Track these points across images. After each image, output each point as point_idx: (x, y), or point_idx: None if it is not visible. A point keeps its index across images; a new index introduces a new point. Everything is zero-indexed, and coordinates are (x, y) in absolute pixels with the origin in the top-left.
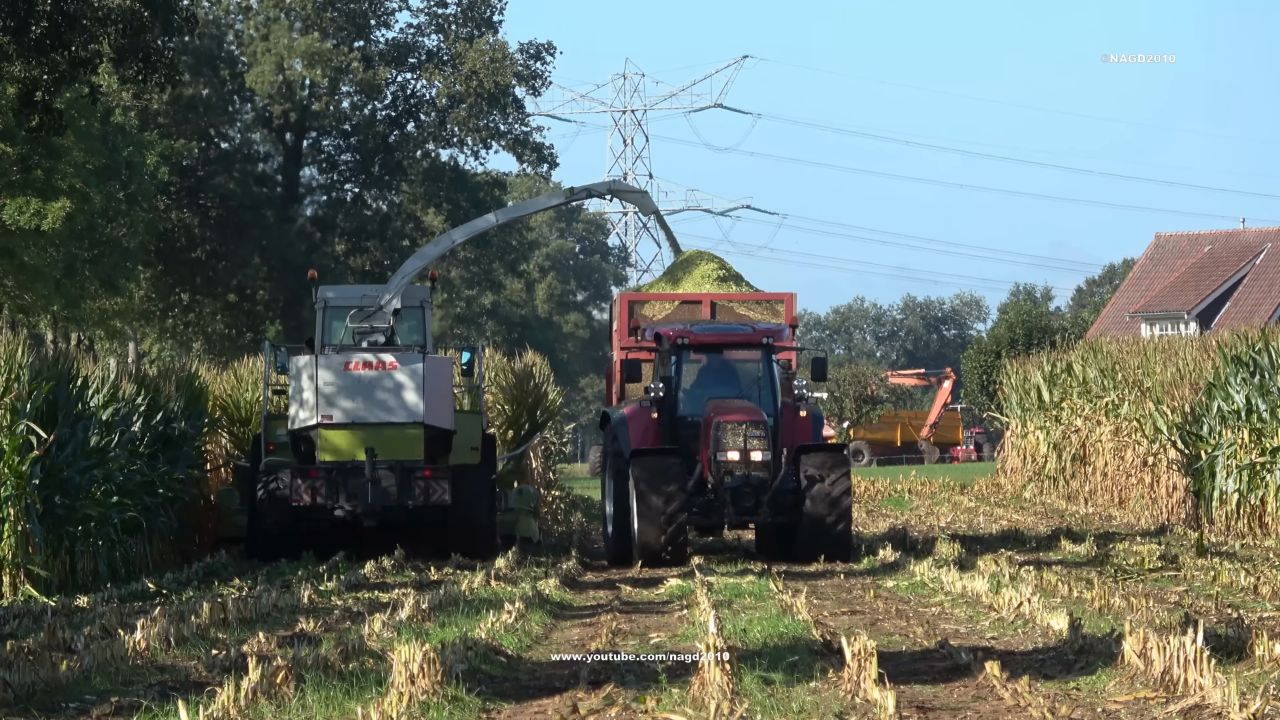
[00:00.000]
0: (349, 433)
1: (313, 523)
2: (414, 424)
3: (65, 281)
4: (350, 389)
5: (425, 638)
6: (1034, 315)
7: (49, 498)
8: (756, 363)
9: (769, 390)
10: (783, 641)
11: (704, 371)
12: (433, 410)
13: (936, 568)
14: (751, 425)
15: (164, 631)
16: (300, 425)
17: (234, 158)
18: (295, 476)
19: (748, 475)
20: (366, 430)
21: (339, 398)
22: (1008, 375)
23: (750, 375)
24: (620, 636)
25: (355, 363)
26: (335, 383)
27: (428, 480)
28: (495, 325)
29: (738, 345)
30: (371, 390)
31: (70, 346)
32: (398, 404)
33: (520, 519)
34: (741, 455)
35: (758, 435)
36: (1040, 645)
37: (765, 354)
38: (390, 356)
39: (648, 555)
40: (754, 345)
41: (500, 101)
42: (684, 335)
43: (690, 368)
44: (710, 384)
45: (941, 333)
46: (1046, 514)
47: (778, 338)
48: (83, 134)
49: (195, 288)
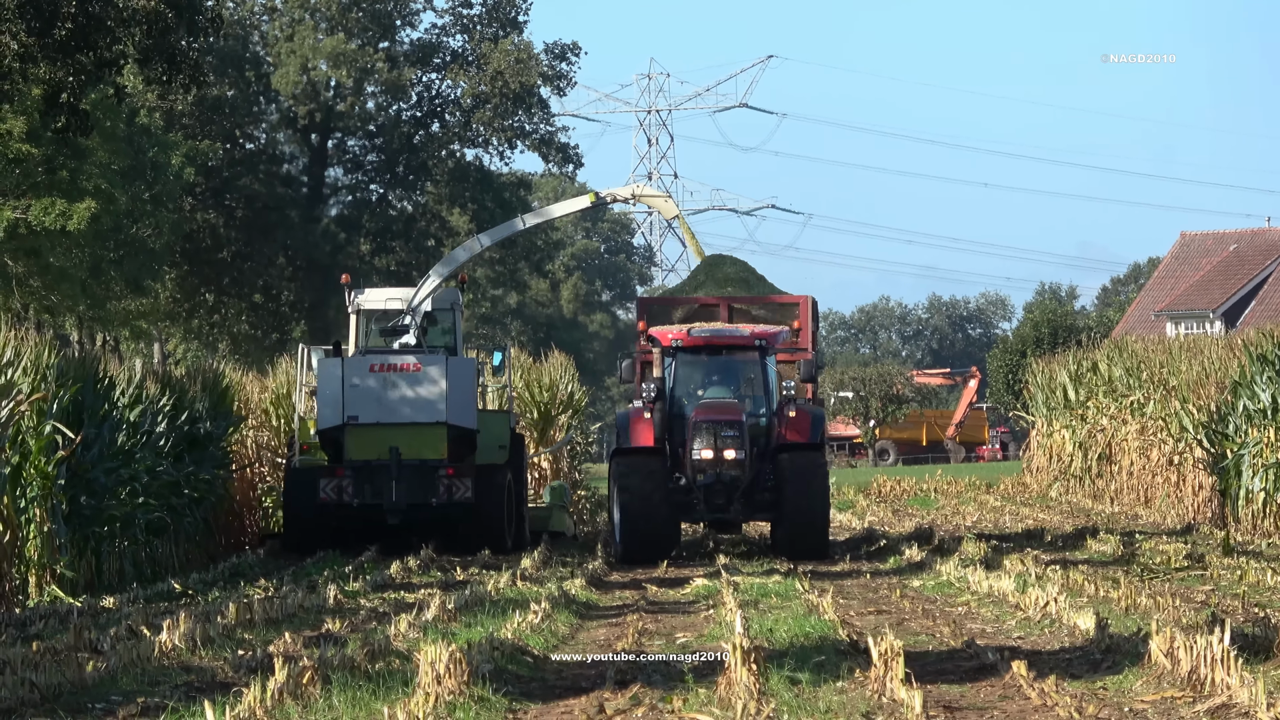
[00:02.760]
0: (374, 432)
1: (342, 519)
2: (437, 424)
3: (91, 282)
4: (376, 390)
5: (451, 638)
6: (1059, 314)
7: (75, 498)
8: (753, 364)
9: (763, 391)
10: (809, 641)
11: (702, 373)
12: (456, 410)
13: (963, 567)
14: (725, 425)
15: (190, 632)
16: (328, 425)
17: (259, 158)
18: (322, 475)
19: (719, 474)
20: (391, 430)
21: (365, 398)
22: (1033, 374)
23: (746, 377)
24: (646, 636)
25: (381, 364)
26: (361, 384)
27: (451, 479)
28: (520, 325)
29: (731, 348)
30: (396, 391)
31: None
32: (421, 404)
33: (554, 514)
34: (715, 454)
35: (731, 435)
36: (1067, 645)
37: (760, 356)
38: (414, 358)
39: (628, 551)
40: (747, 348)
41: (525, 101)
42: (679, 338)
43: (687, 370)
44: (706, 385)
45: (967, 332)
46: (1072, 513)
47: (774, 341)
48: (108, 135)
49: (220, 288)
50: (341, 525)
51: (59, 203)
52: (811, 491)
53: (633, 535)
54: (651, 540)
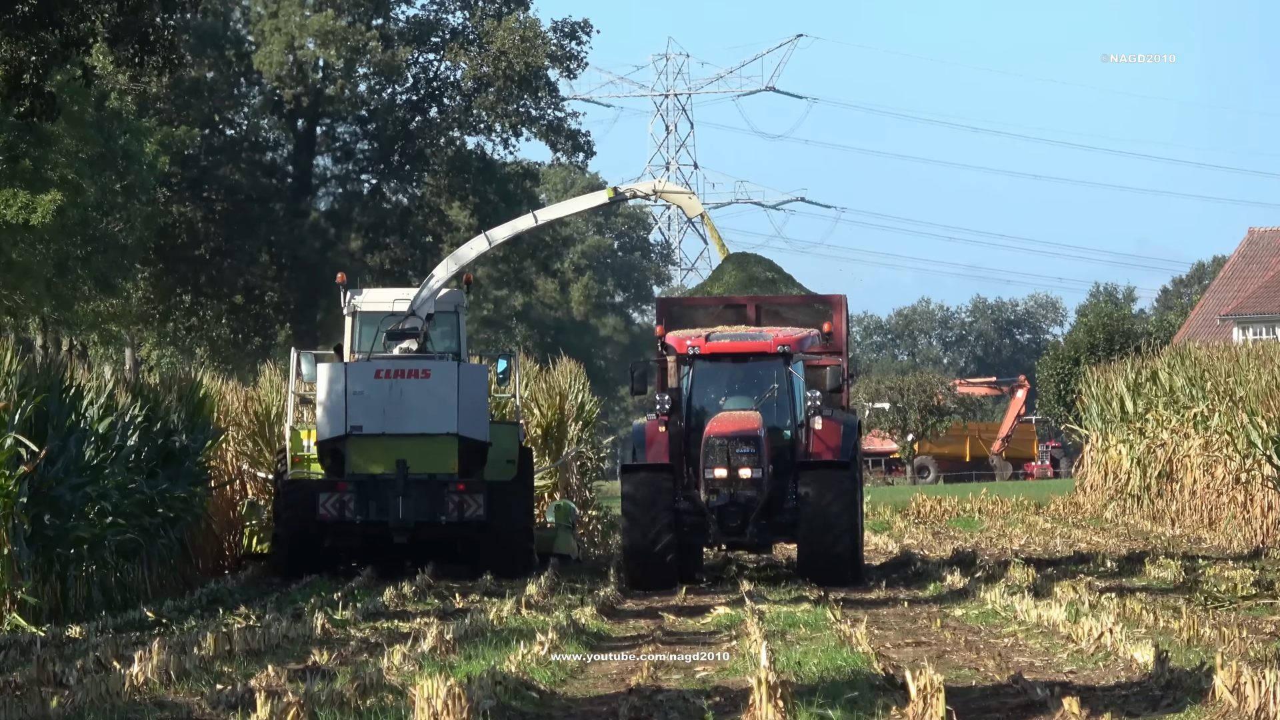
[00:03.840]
0: (380, 444)
1: (340, 538)
2: (447, 435)
3: (56, 281)
4: (380, 398)
5: (450, 671)
6: (1116, 318)
7: (38, 517)
8: (777, 372)
9: (786, 401)
10: (841, 675)
11: (721, 383)
12: (467, 421)
13: (1009, 595)
14: (740, 440)
15: (164, 664)
16: (328, 436)
17: (240, 146)
18: (321, 489)
19: (733, 494)
20: (397, 441)
21: (369, 407)
22: (1087, 384)
23: (769, 386)
24: (663, 670)
25: (387, 370)
26: (365, 392)
27: (461, 495)
28: (526, 329)
29: (751, 355)
30: (402, 400)
31: (62, 352)
32: (430, 414)
33: (558, 535)
34: (729, 472)
35: (746, 451)
36: (1123, 680)
37: (784, 363)
38: (423, 364)
39: (634, 576)
40: (769, 355)
41: (531, 85)
42: (695, 344)
43: (705, 379)
44: (726, 396)
45: (1015, 337)
46: (1129, 536)
47: (800, 346)
48: (75, 120)
49: (198, 288)
50: (339, 545)
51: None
52: (833, 511)
53: (637, 559)
54: (658, 565)
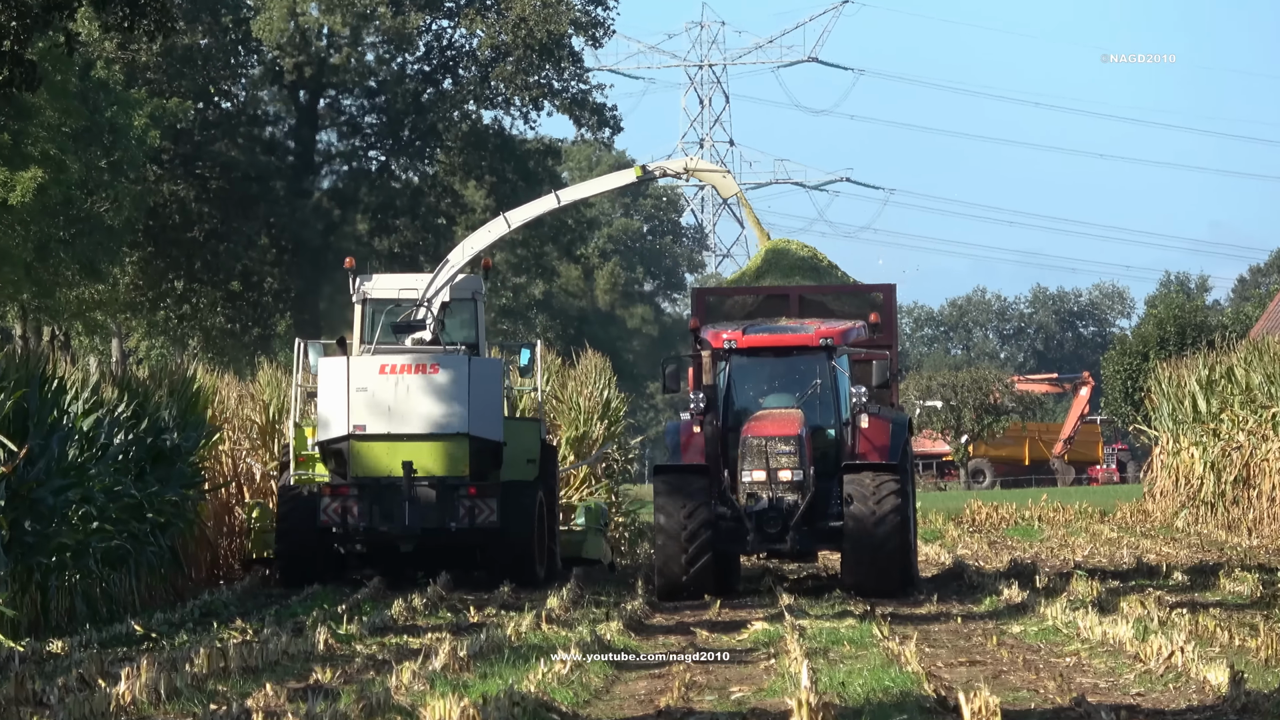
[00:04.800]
0: (384, 445)
1: (345, 544)
2: (457, 435)
3: (37, 266)
4: (386, 395)
5: (464, 691)
6: (1188, 309)
7: (17, 522)
8: (820, 367)
9: (830, 398)
10: (888, 697)
11: (760, 379)
12: (479, 420)
13: (1071, 610)
14: (780, 440)
15: (153, 683)
16: (330, 436)
17: (238, 120)
18: (323, 493)
19: (773, 498)
20: (403, 442)
21: (373, 405)
22: (1156, 381)
23: (811, 382)
24: (695, 690)
25: (392, 365)
26: (369, 388)
27: (473, 499)
28: (548, 320)
29: (791, 349)
30: (409, 397)
31: (43, 343)
32: (439, 413)
33: (588, 539)
34: (768, 475)
35: (787, 452)
36: (1195, 703)
37: (828, 357)
38: (431, 358)
39: (665, 585)
40: (810, 349)
41: (554, 54)
42: (731, 338)
43: (742, 375)
44: (764, 392)
45: (1078, 330)
46: (1202, 546)
47: (844, 339)
48: (58, 91)
49: (191, 274)
50: (343, 552)
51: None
52: (878, 514)
53: (669, 567)
54: (691, 575)
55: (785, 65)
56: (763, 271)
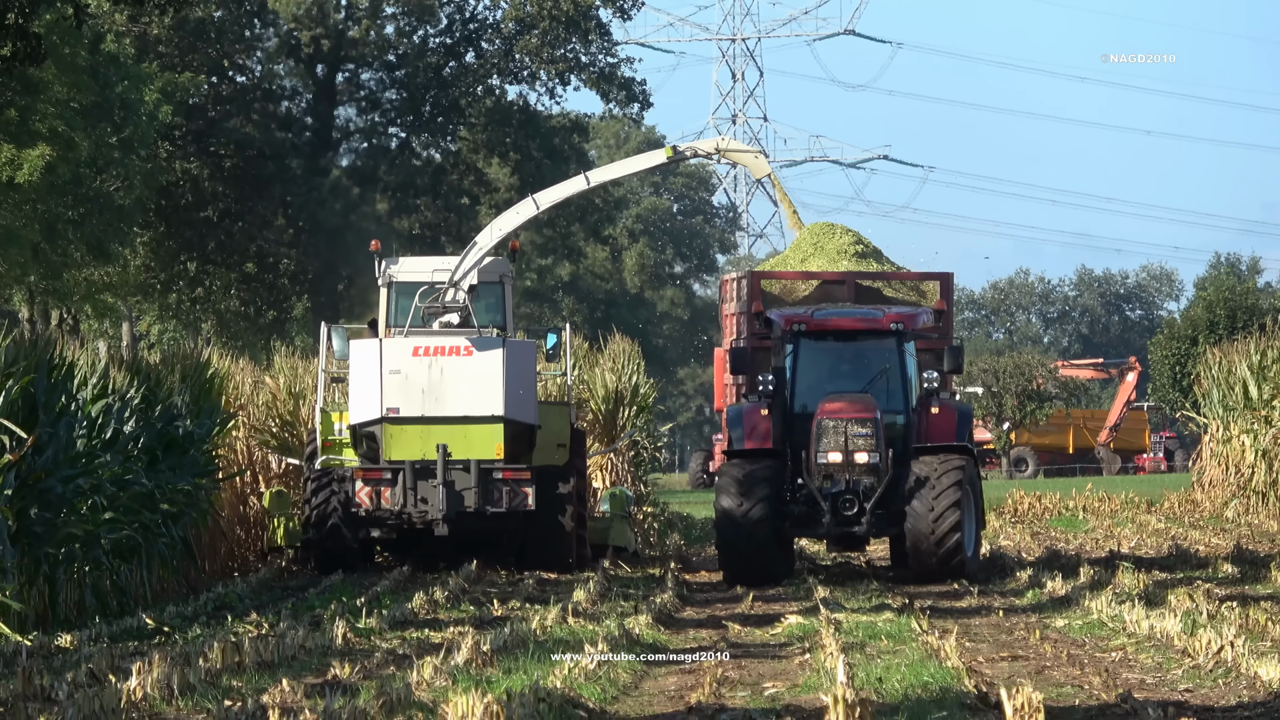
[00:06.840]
0: (418, 428)
1: (378, 529)
2: (493, 418)
3: (45, 247)
4: (419, 378)
5: (487, 687)
6: (1239, 292)
7: (25, 512)
8: (889, 352)
9: (899, 384)
10: (927, 693)
11: (826, 362)
12: (514, 403)
13: (1117, 603)
14: (856, 423)
15: (165, 678)
16: (362, 419)
17: (253, 95)
18: (355, 478)
19: (850, 480)
20: (438, 426)
21: (406, 388)
22: (1206, 366)
23: (881, 367)
24: (727, 686)
25: (426, 347)
26: (402, 371)
27: (509, 483)
28: (574, 303)
29: (860, 333)
30: (444, 379)
31: (51, 327)
32: (474, 395)
33: (613, 526)
34: (844, 456)
35: (863, 434)
36: (1246, 700)
37: (897, 342)
38: (465, 341)
39: (729, 569)
40: (881, 333)
41: (581, 26)
42: (800, 321)
43: (809, 358)
44: (832, 376)
45: (1124, 313)
46: (1254, 537)
47: (911, 323)
48: (66, 66)
49: (204, 255)
50: (374, 538)
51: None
52: (938, 495)
53: (736, 551)
54: (759, 558)
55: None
56: (807, 255)
